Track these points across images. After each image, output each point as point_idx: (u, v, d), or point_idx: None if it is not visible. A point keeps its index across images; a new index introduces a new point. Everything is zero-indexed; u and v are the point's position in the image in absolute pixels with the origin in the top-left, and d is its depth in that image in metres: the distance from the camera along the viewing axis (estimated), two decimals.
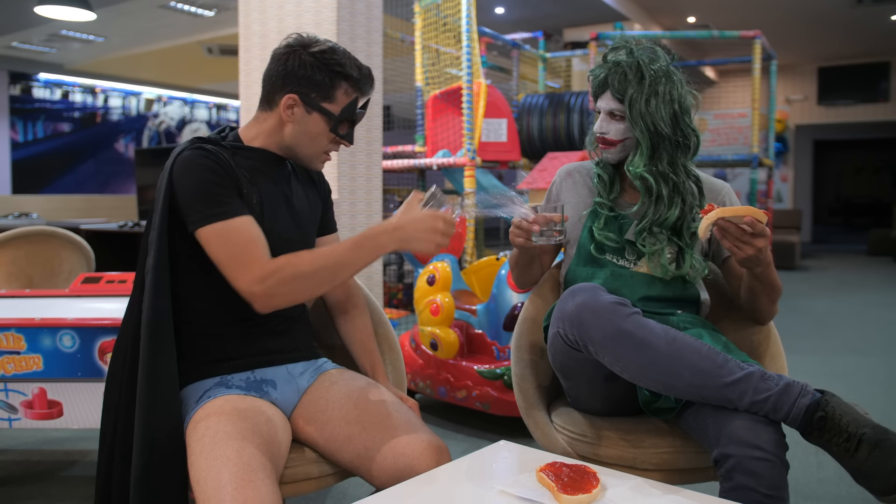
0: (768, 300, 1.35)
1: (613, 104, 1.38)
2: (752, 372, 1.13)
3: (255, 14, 3.02)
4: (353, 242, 1.13)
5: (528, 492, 0.98)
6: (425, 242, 1.12)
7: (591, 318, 1.18)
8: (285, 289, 1.11)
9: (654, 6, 7.45)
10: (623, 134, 1.38)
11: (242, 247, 1.12)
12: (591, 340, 1.19)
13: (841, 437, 1.05)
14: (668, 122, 1.35)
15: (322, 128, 1.23)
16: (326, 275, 1.13)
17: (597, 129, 1.42)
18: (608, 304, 1.19)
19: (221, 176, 1.15)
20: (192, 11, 6.77)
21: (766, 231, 1.17)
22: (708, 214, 1.16)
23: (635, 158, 1.37)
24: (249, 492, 0.98)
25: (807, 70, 10.71)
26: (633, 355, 1.16)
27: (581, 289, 1.24)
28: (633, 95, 1.35)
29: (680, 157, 1.38)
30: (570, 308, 1.21)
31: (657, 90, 1.34)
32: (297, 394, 1.27)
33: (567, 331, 1.22)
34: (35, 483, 2.05)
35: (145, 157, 4.85)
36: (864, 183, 16.93)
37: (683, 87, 1.39)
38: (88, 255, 2.83)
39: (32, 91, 9.52)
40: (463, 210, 1.36)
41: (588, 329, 1.19)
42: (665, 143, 1.35)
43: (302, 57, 1.19)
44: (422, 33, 4.46)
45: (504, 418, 2.47)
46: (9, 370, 1.66)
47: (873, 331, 4.57)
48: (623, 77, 1.36)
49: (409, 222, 1.12)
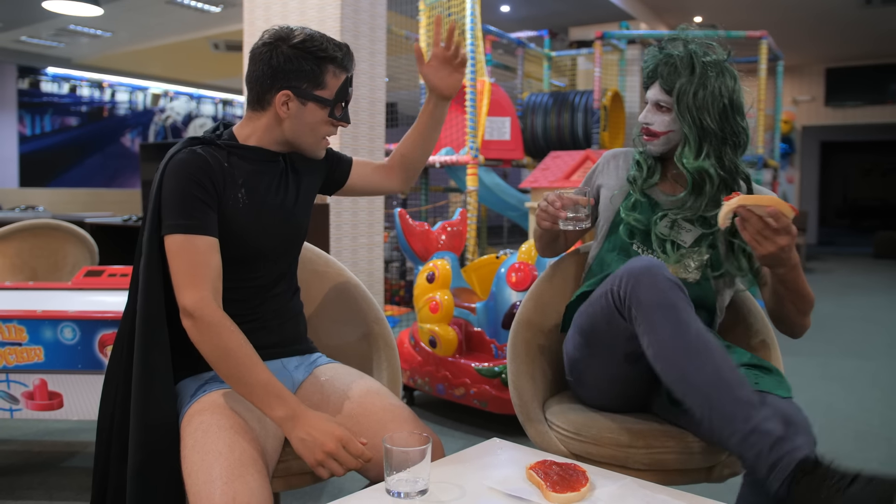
0: (796, 309, 1.27)
1: (661, 95, 1.36)
2: (770, 405, 1.08)
3: (260, 11, 3.04)
4: (265, 381, 1.09)
5: (517, 489, 0.99)
6: (307, 448, 1.06)
7: (649, 282, 1.16)
8: (202, 336, 1.10)
9: (661, 6, 7.42)
10: (668, 126, 1.36)
11: (195, 266, 1.12)
12: (637, 302, 1.16)
13: (834, 478, 0.98)
14: (716, 117, 1.31)
15: (320, 116, 1.23)
16: (225, 368, 1.10)
17: (641, 119, 1.39)
18: (669, 279, 1.17)
19: (202, 188, 1.15)
20: (199, 7, 6.80)
21: (790, 227, 1.10)
22: (730, 201, 1.10)
23: (685, 150, 1.34)
24: (239, 486, 0.99)
25: (814, 71, 10.65)
26: (669, 330, 1.13)
27: (649, 259, 1.22)
28: (681, 87, 1.32)
29: (728, 154, 1.34)
30: (636, 267, 1.19)
31: (706, 84, 1.31)
32: (292, 387, 1.28)
33: (621, 287, 1.20)
34: (35, 473, 2.07)
35: (151, 152, 4.87)
36: (872, 185, 16.84)
37: (737, 84, 1.34)
38: (92, 248, 2.85)
39: (40, 85, 9.58)
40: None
41: (640, 290, 1.16)
42: (711, 138, 1.32)
43: (284, 51, 1.19)
44: (427, 31, 4.46)
45: (501, 416, 2.48)
46: (10, 361, 1.68)
47: (877, 334, 4.55)
48: (673, 69, 1.33)
49: (310, 421, 1.07)
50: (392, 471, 0.97)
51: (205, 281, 1.12)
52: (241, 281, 1.23)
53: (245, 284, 1.24)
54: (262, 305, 1.27)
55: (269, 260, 1.27)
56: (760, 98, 5.60)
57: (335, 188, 1.46)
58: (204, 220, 1.15)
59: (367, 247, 2.99)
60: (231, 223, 1.19)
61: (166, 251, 1.15)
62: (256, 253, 1.24)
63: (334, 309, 1.54)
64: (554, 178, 3.97)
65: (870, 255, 10.28)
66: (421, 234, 2.70)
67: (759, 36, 5.44)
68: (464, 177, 3.99)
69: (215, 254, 1.15)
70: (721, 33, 5.54)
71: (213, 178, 1.17)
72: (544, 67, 6.17)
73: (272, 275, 1.28)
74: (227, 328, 1.11)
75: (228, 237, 1.19)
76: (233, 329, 1.12)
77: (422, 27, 4.48)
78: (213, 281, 1.14)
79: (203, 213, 1.15)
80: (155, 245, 1.17)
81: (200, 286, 1.11)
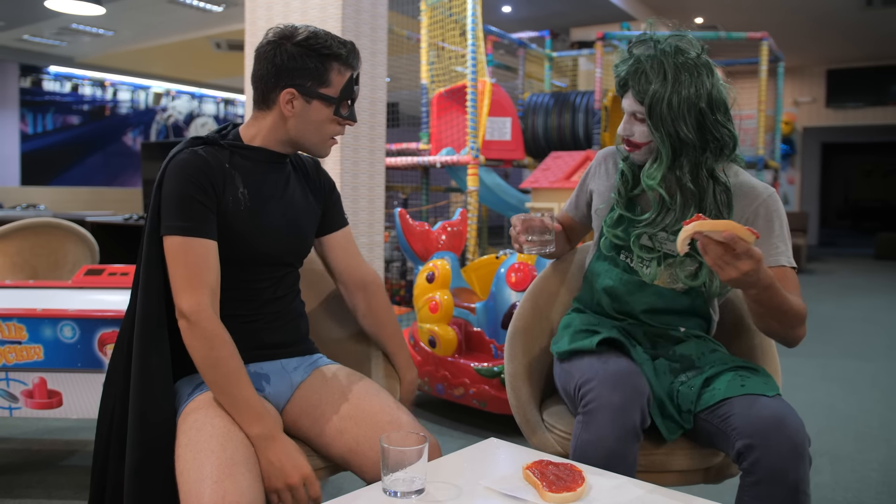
0: (780, 325, 1.18)
1: (636, 106, 1.27)
2: None
3: (262, 10, 3.04)
4: (248, 397, 1.11)
5: (514, 489, 0.99)
6: (271, 473, 1.07)
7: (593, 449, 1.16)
8: (195, 341, 1.11)
9: (662, 6, 7.42)
10: (648, 136, 1.28)
11: (193, 269, 1.13)
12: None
13: None
14: (693, 124, 1.23)
15: (325, 114, 1.23)
16: (211, 377, 1.11)
17: (620, 132, 1.32)
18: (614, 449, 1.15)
19: (201, 190, 1.15)
20: (201, 6, 6.80)
21: (751, 252, 1.03)
22: (686, 227, 1.04)
23: (651, 168, 1.28)
24: (229, 485, 1.00)
25: (815, 72, 10.64)
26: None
27: (602, 410, 1.17)
28: (654, 96, 1.23)
29: (707, 162, 1.25)
30: (583, 436, 1.18)
31: (679, 90, 1.22)
32: (291, 388, 1.29)
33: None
34: (34, 472, 2.07)
35: (152, 151, 4.89)
36: (873, 186, 16.83)
37: (714, 78, 1.25)
38: (93, 247, 2.85)
39: (43, 84, 9.59)
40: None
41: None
42: (688, 149, 1.24)
43: (288, 49, 1.19)
44: (428, 31, 4.47)
45: (500, 416, 2.48)
46: (10, 359, 1.69)
47: (877, 335, 4.54)
48: (644, 77, 1.24)
49: (283, 448, 1.09)
50: (389, 470, 0.97)
51: (202, 285, 1.12)
52: (244, 282, 1.23)
53: (248, 286, 1.24)
54: (265, 307, 1.27)
55: (272, 263, 1.27)
56: (761, 99, 5.60)
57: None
58: (202, 222, 1.15)
59: (368, 246, 2.99)
60: (233, 224, 1.19)
61: (165, 251, 1.15)
62: (259, 255, 1.24)
63: (334, 308, 1.54)
64: (554, 178, 3.97)
65: (871, 257, 10.28)
66: (421, 234, 2.70)
67: (759, 37, 5.44)
68: (464, 177, 4.00)
69: (213, 257, 1.16)
70: (722, 35, 5.55)
71: (212, 179, 1.17)
72: (545, 68, 6.17)
73: (275, 277, 1.28)
74: (221, 338, 1.12)
75: (231, 238, 1.19)
76: (226, 340, 1.12)
77: (423, 27, 4.48)
78: (211, 284, 1.14)
79: (201, 215, 1.15)
80: (155, 244, 1.17)
81: (198, 290, 1.12)
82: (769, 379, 1.25)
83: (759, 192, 1.30)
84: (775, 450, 1.09)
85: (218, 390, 1.12)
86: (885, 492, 2.07)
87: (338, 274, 1.43)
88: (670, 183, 1.29)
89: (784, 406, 1.15)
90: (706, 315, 1.39)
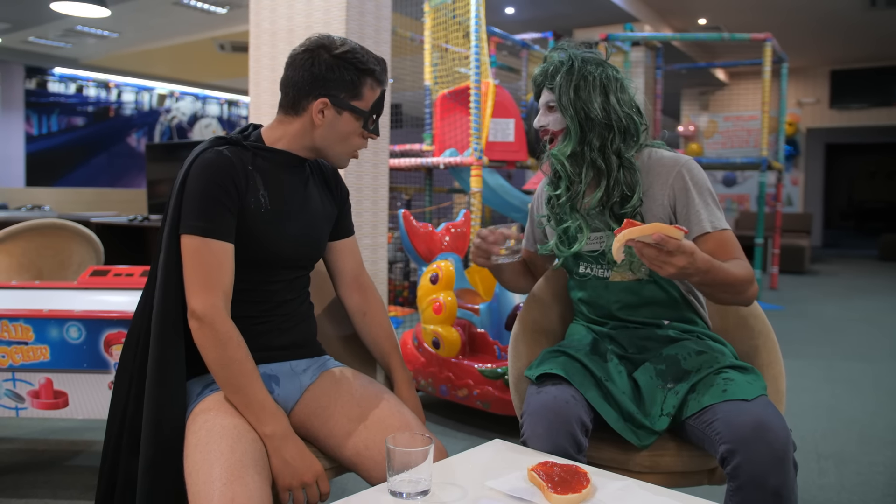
0: (730, 295, 1.23)
1: (548, 96, 1.38)
2: None
3: (266, 12, 3.05)
4: (262, 398, 1.12)
5: (519, 490, 0.99)
6: (286, 472, 1.10)
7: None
8: (208, 342, 1.12)
9: (665, 8, 7.41)
10: (561, 123, 1.37)
11: (209, 270, 1.13)
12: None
13: None
14: (599, 105, 1.32)
15: (354, 126, 1.24)
16: (224, 377, 1.12)
17: (536, 124, 1.41)
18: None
19: (224, 191, 1.16)
20: (205, 8, 6.82)
21: (681, 247, 1.08)
22: (618, 236, 1.09)
23: (562, 145, 1.36)
24: (238, 488, 1.00)
25: (819, 73, 10.62)
26: None
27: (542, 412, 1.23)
28: (561, 83, 1.34)
29: (614, 143, 1.33)
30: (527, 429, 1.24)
31: (585, 76, 1.33)
32: (300, 390, 1.29)
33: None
34: (40, 472, 2.08)
35: (156, 152, 4.89)
36: (877, 187, 16.77)
37: (619, 73, 1.37)
38: (98, 248, 2.86)
39: (47, 85, 9.63)
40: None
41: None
42: (596, 126, 1.33)
43: (326, 59, 1.20)
44: (431, 32, 4.47)
45: (504, 417, 2.48)
46: (17, 360, 1.70)
47: (882, 337, 4.53)
48: (555, 70, 1.37)
49: (297, 447, 1.12)
50: (394, 472, 0.98)
51: (217, 287, 1.13)
52: (258, 284, 1.24)
53: (261, 287, 1.25)
54: (277, 309, 1.27)
55: (287, 265, 1.28)
56: (765, 100, 5.59)
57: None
58: (222, 224, 1.16)
59: (371, 247, 2.99)
60: (251, 226, 1.20)
61: (182, 249, 1.16)
62: (275, 257, 1.24)
63: (338, 309, 1.55)
64: None
65: (875, 258, 10.25)
66: (425, 236, 2.71)
67: (763, 38, 5.43)
68: (468, 178, 4.00)
69: (229, 260, 1.16)
70: (725, 36, 5.55)
71: (235, 180, 1.18)
72: None
73: (288, 279, 1.29)
74: (234, 340, 1.13)
75: (248, 240, 1.20)
76: (239, 342, 1.13)
77: (427, 29, 4.49)
78: (225, 287, 1.15)
79: (222, 217, 1.16)
80: (174, 242, 1.18)
81: (212, 292, 1.13)
82: (756, 378, 1.25)
83: (671, 165, 1.35)
84: (756, 456, 1.09)
85: (232, 391, 1.12)
86: (891, 494, 2.06)
87: (339, 277, 1.45)
88: (578, 158, 1.35)
89: (766, 411, 1.14)
90: (686, 301, 1.38)
